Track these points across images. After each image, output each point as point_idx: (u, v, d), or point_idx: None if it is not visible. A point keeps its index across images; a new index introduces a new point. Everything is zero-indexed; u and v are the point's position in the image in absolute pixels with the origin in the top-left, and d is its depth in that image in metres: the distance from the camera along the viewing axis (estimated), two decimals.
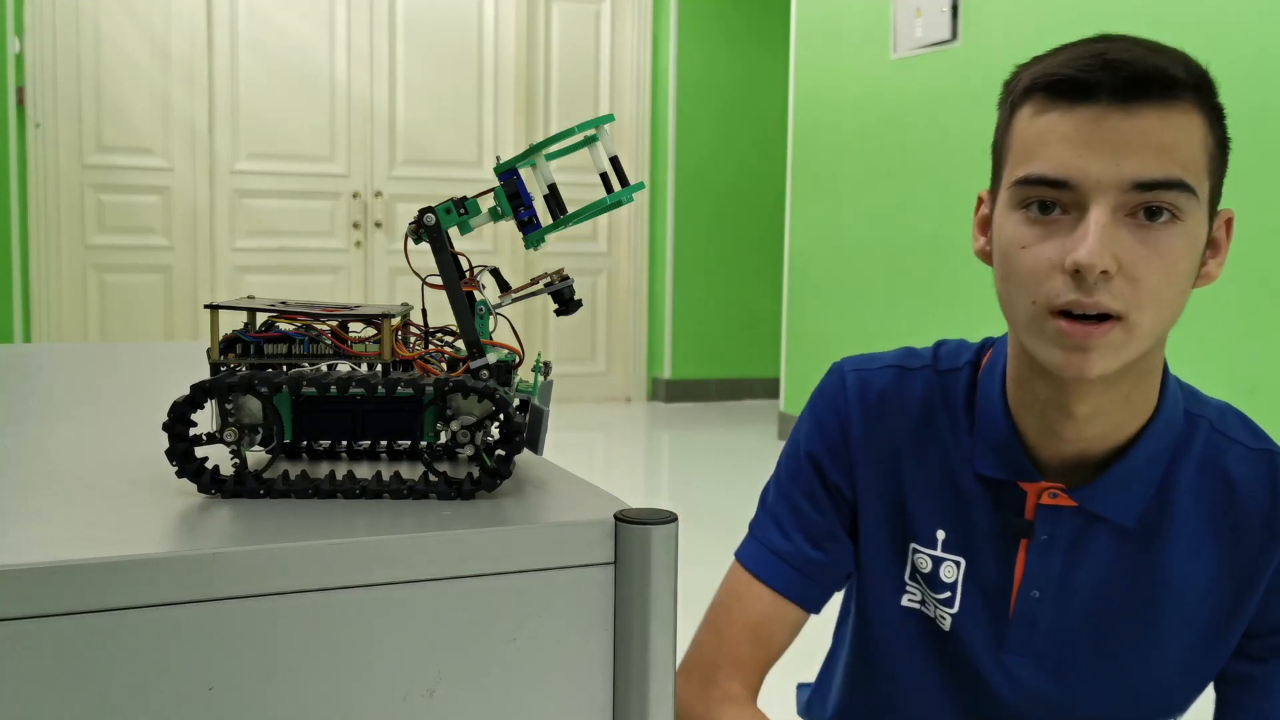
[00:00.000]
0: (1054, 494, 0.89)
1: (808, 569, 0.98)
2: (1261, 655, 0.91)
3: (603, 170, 0.62)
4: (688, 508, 3.60)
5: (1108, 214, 0.77)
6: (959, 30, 3.73)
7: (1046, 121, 0.80)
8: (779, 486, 1.02)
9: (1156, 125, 0.77)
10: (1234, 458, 0.90)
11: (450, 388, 0.58)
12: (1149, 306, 0.78)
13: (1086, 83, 0.78)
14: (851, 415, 0.98)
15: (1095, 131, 0.78)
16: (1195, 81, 0.80)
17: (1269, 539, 0.88)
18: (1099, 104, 0.78)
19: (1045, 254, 0.80)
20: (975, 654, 0.94)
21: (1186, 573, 0.89)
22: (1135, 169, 0.77)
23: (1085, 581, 0.91)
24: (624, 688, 0.55)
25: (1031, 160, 0.81)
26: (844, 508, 0.99)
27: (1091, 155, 0.78)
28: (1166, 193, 0.77)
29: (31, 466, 0.67)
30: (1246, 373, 2.56)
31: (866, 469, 0.98)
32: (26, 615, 0.45)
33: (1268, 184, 2.44)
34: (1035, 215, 0.81)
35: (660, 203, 6.02)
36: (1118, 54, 0.78)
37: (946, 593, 0.95)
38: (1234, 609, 0.90)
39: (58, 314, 5.07)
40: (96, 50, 5.01)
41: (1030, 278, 0.81)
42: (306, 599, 0.49)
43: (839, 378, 1.01)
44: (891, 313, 4.13)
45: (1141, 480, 0.88)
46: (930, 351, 1.00)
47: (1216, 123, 0.82)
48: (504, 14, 5.63)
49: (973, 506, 0.93)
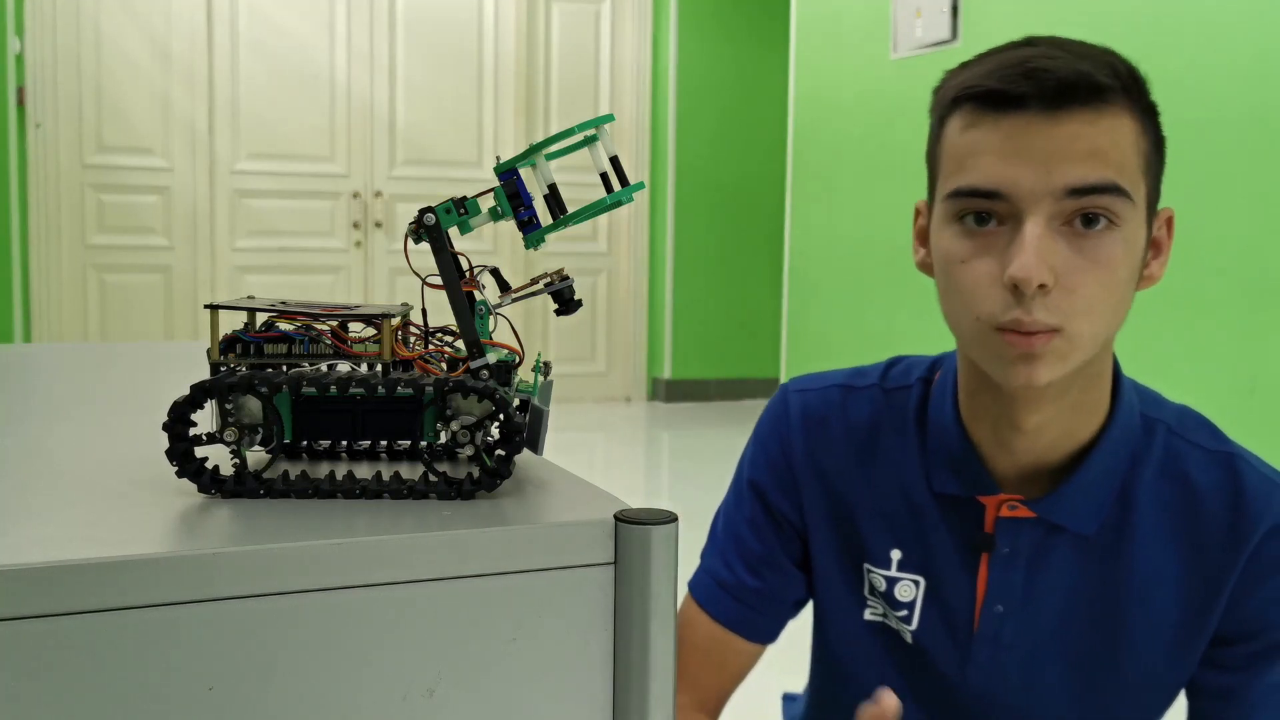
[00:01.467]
0: (1013, 505, 0.88)
1: (748, 599, 0.98)
2: (1235, 665, 0.89)
3: (603, 170, 0.62)
4: (688, 508, 3.59)
5: (1042, 225, 0.76)
6: (959, 30, 3.73)
7: (975, 133, 0.80)
8: (726, 514, 1.02)
9: (1086, 130, 0.77)
10: (1194, 461, 0.89)
11: (450, 388, 0.58)
12: (1084, 317, 0.78)
13: (1011, 93, 0.77)
14: (794, 437, 0.98)
15: (1024, 141, 0.77)
16: (1124, 83, 0.79)
17: (1232, 541, 0.87)
18: (1026, 113, 0.77)
19: (983, 269, 0.79)
20: (941, 668, 0.93)
21: (1151, 579, 0.88)
22: (1067, 176, 0.76)
23: (1049, 593, 0.90)
24: (624, 688, 0.55)
25: (963, 172, 0.80)
26: (790, 533, 0.99)
27: (1022, 165, 0.77)
28: (1100, 197, 0.77)
29: (31, 466, 0.67)
30: (1246, 373, 2.56)
31: (812, 490, 0.97)
32: (26, 615, 0.45)
33: (1268, 184, 2.44)
34: (971, 227, 0.80)
35: (660, 203, 6.02)
36: (1041, 61, 0.77)
37: (903, 611, 0.94)
38: (1201, 613, 0.88)
39: (58, 314, 5.07)
40: (96, 50, 5.01)
41: (970, 294, 0.80)
42: (306, 599, 0.49)
43: (783, 401, 1.00)
44: (891, 313, 4.13)
45: (1100, 488, 0.88)
46: (880, 369, 0.99)
47: (1150, 123, 0.81)
48: (504, 14, 5.63)
49: (930, 524, 0.92)
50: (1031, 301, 0.76)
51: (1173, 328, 2.57)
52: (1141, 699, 0.92)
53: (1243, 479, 0.88)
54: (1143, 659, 0.90)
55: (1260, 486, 0.87)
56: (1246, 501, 0.87)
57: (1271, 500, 0.87)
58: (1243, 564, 0.87)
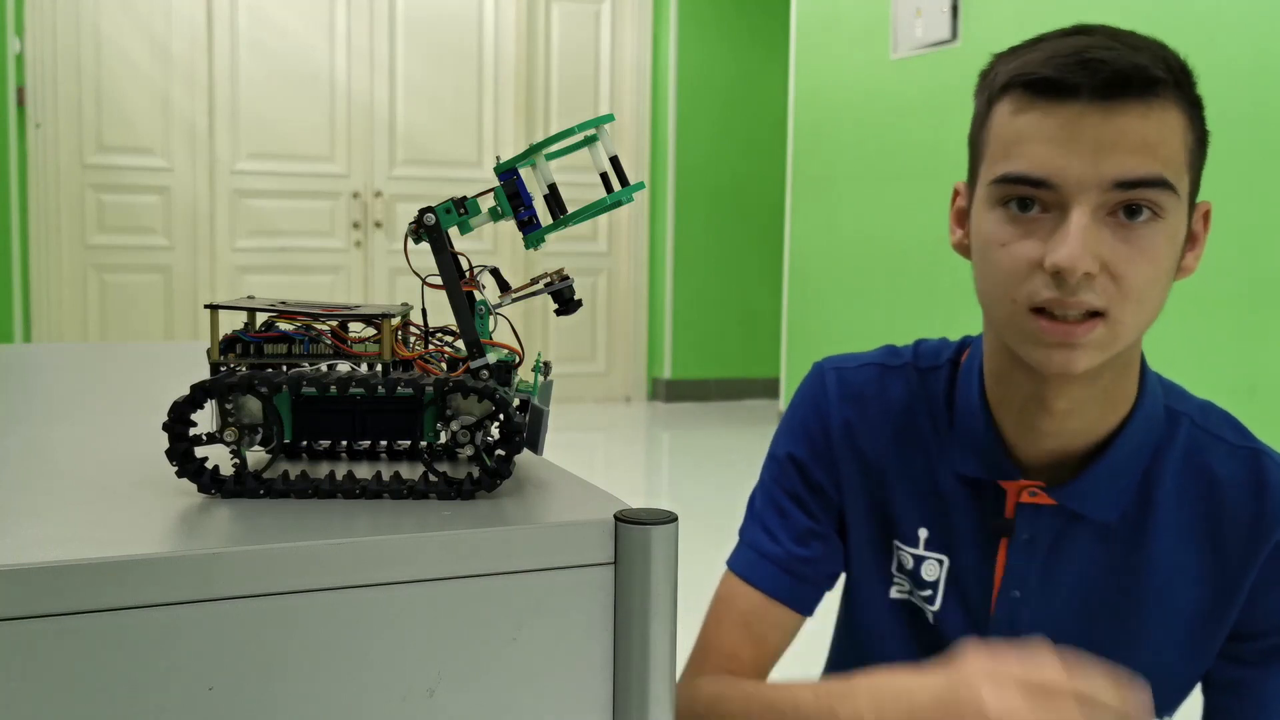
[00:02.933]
0: (1034, 492, 0.89)
1: (795, 568, 0.98)
2: (1253, 659, 0.90)
3: (603, 170, 0.62)
4: (688, 508, 3.60)
5: (1088, 214, 0.77)
6: (959, 30, 3.73)
7: (1025, 120, 0.80)
8: (764, 490, 1.02)
9: (1137, 124, 0.77)
10: (1217, 455, 0.89)
11: (450, 388, 0.58)
12: (1132, 303, 0.78)
13: (1065, 83, 0.77)
14: (833, 414, 0.98)
15: (1075, 131, 0.77)
16: (1175, 77, 0.79)
17: (1253, 537, 0.87)
18: (1079, 103, 0.77)
19: (1025, 252, 0.79)
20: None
21: (1169, 570, 0.89)
22: (1116, 168, 0.77)
23: (1067, 580, 0.90)
24: (624, 688, 0.55)
25: (1010, 158, 0.80)
26: (830, 507, 0.99)
27: (1071, 155, 0.77)
28: (1148, 190, 0.77)
29: (31, 466, 0.67)
30: (1246, 373, 2.56)
31: (849, 467, 0.97)
32: (26, 615, 0.45)
33: (1268, 184, 2.44)
34: (1015, 213, 0.80)
35: (660, 203, 6.01)
36: (1097, 52, 0.77)
37: (928, 590, 0.95)
38: (1219, 607, 0.89)
39: (58, 314, 5.07)
40: (96, 50, 5.01)
41: (1010, 276, 0.80)
42: (306, 599, 0.49)
43: (819, 377, 1.01)
44: (891, 312, 4.13)
45: (1122, 477, 0.88)
46: (910, 350, 0.99)
47: (1196, 117, 0.81)
48: (504, 14, 5.63)
49: (953, 506, 0.93)
50: (1076, 287, 0.77)
51: (1173, 328, 2.57)
52: (1156, 690, 0.92)
53: (1266, 475, 0.88)
54: (1159, 650, 0.90)
55: None
56: (1269, 497, 0.87)
57: None
58: (1263, 560, 0.87)
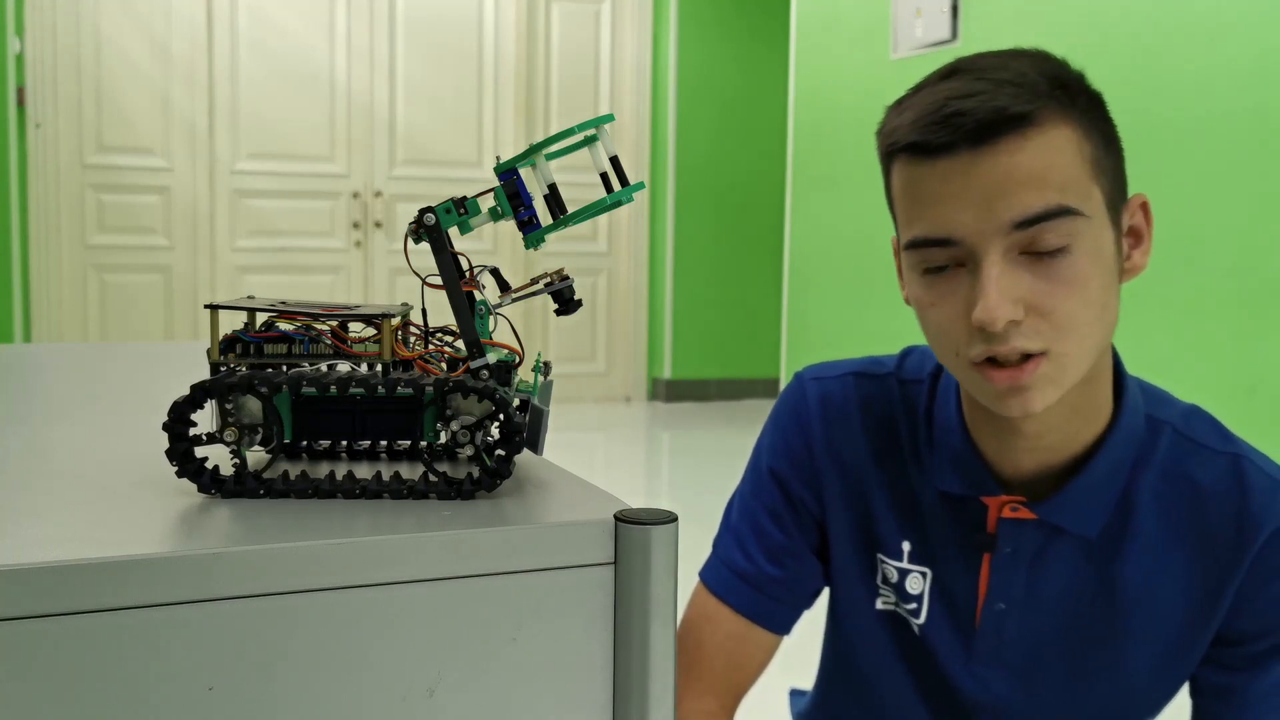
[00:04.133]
0: (1015, 507, 0.88)
1: (769, 589, 0.97)
2: (1240, 664, 0.89)
3: (603, 170, 0.62)
4: (688, 508, 3.59)
5: (999, 262, 0.76)
6: (959, 30, 3.73)
7: (914, 182, 0.79)
8: (742, 503, 1.01)
9: (1017, 159, 0.75)
10: (1199, 463, 0.88)
11: (450, 388, 0.58)
12: (1069, 335, 0.77)
13: (932, 144, 0.76)
14: (814, 425, 0.97)
15: (962, 183, 0.76)
16: (1049, 90, 0.76)
17: (1238, 543, 0.87)
18: (957, 155, 0.76)
19: (951, 312, 0.79)
20: (944, 662, 0.94)
21: (1152, 581, 0.88)
22: (1010, 210, 0.75)
23: (1050, 593, 0.90)
24: (624, 688, 0.55)
25: (912, 223, 0.80)
26: (809, 522, 0.98)
27: (964, 207, 0.76)
28: (1049, 223, 0.75)
29: (31, 466, 0.67)
30: (1246, 373, 2.56)
31: (832, 479, 0.97)
32: (26, 615, 0.45)
33: (1268, 184, 2.44)
34: (933, 276, 0.80)
35: (660, 203, 6.02)
36: (957, 103, 0.76)
37: (913, 603, 0.94)
38: (1204, 615, 0.88)
39: (58, 314, 5.07)
40: (96, 50, 5.01)
41: (944, 335, 0.80)
42: (306, 599, 0.49)
43: (799, 388, 1.00)
44: (892, 313, 4.13)
45: (1103, 491, 0.87)
46: (895, 360, 0.99)
47: (1091, 121, 0.79)
48: (504, 14, 5.63)
49: (935, 521, 0.93)
50: (1006, 335, 0.76)
51: (1173, 328, 2.57)
52: (1142, 698, 0.92)
53: (1248, 480, 0.87)
54: (1144, 659, 0.90)
55: (1266, 488, 0.87)
56: (1252, 503, 0.87)
57: (1277, 502, 0.86)
58: (1247, 566, 0.87)
